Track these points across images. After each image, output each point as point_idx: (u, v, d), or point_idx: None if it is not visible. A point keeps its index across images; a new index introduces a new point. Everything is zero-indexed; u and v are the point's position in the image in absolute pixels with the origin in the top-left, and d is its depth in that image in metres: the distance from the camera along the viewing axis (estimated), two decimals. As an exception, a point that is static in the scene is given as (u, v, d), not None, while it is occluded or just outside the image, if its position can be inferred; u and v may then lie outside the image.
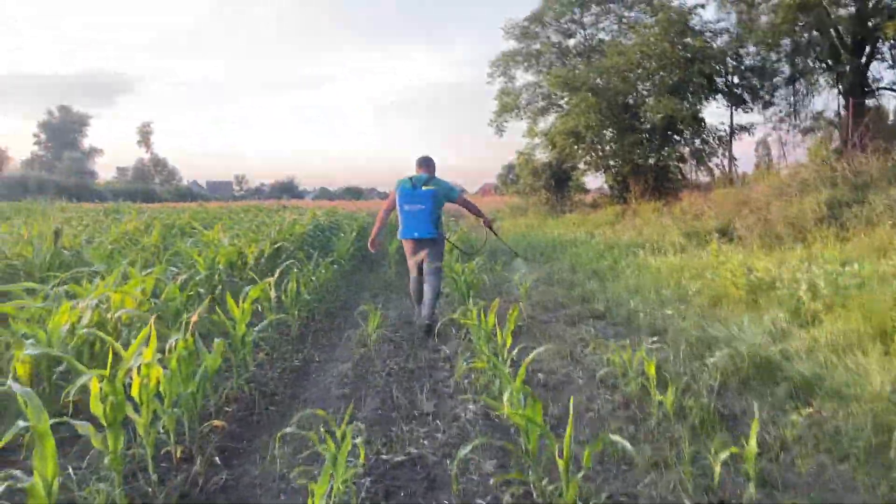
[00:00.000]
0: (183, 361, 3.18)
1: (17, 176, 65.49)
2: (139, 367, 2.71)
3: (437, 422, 3.69)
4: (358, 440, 2.92)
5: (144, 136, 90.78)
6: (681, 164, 20.00)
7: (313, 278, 6.73)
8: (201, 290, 5.37)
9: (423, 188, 5.98)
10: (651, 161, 19.62)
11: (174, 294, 4.94)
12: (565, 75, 19.00)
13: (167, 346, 3.21)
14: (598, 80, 19.01)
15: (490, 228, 7.27)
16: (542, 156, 23.79)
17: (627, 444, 2.16)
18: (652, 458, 3.05)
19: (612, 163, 21.41)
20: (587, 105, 18.76)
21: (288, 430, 3.04)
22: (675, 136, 19.48)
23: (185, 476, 2.91)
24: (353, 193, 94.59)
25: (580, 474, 2.23)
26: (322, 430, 3.06)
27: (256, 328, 4.36)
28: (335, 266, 8.42)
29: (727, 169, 19.74)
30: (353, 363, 5.00)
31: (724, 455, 2.57)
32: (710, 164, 19.59)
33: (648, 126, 19.86)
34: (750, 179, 12.98)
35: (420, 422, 3.72)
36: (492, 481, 2.90)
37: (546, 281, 9.21)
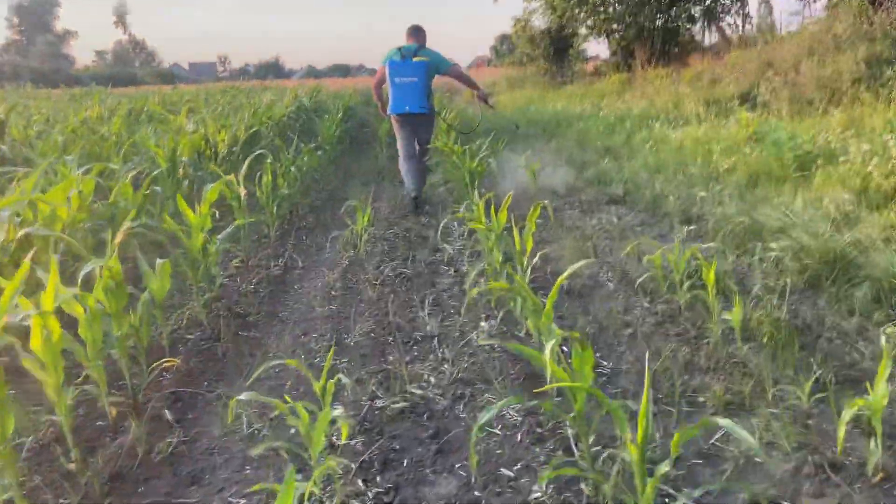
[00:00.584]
0: (111, 294, 2.44)
1: (-10, 62, 62.94)
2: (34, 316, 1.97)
3: (444, 349, 3.01)
4: (346, 382, 2.24)
5: (120, 16, 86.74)
6: (690, 26, 18.49)
7: (293, 168, 5.87)
8: (158, 189, 4.54)
9: (414, 59, 5.65)
10: (658, 23, 18.07)
11: (126, 194, 4.15)
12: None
13: (86, 275, 2.45)
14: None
15: (486, 102, 6.85)
16: (541, 22, 22.12)
17: (745, 434, 1.45)
18: (723, 394, 2.39)
19: (615, 27, 19.85)
20: (590, -40, 17.05)
21: (256, 374, 2.36)
22: (686, -6, 17.87)
23: (121, 445, 2.25)
24: (341, 71, 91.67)
25: (662, 468, 1.54)
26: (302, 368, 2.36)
27: (220, 235, 3.59)
28: (319, 152, 7.53)
29: (741, 28, 18.26)
30: (340, 270, 4.28)
31: (848, 414, 1.87)
32: (723, 24, 18.09)
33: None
34: (769, 37, 11.74)
35: (423, 349, 3.04)
36: (520, 437, 2.25)
37: (553, 161, 8.36)
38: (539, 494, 1.93)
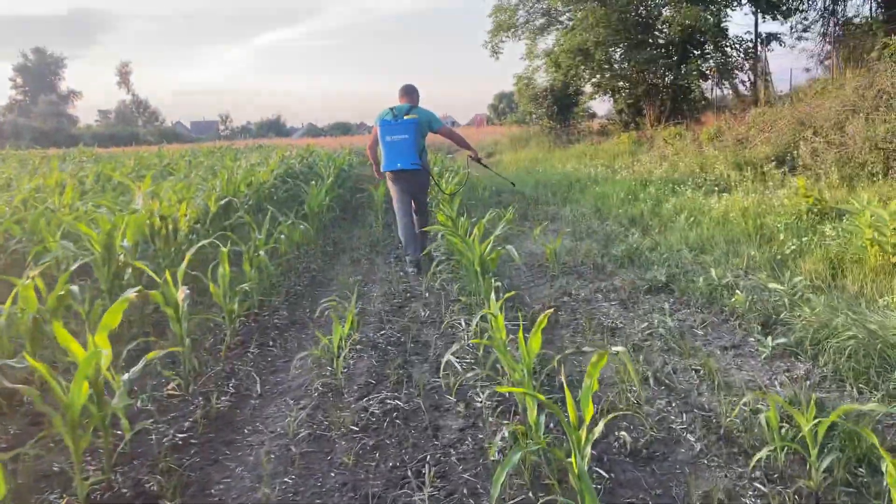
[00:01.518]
0: None
1: (-7, 122, 63.18)
2: None
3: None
4: None
5: (124, 76, 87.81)
6: (701, 83, 17.79)
7: (261, 253, 4.80)
8: (74, 289, 3.44)
9: (405, 117, 5.74)
10: (668, 80, 17.41)
11: (29, 304, 3.08)
12: (569, -16, 16.58)
13: None
14: (608, -11, 16.59)
15: (479, 161, 6.88)
16: (544, 79, 21.52)
17: None
18: None
19: (622, 84, 19.19)
20: (595, 18, 16.44)
21: None
22: (695, 51, 17.21)
23: None
24: (342, 129, 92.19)
25: None
26: None
27: (126, 375, 2.48)
28: (302, 226, 6.48)
29: (754, 85, 17.54)
30: (310, 404, 3.14)
31: None
32: (736, 81, 17.38)
33: (663, 41, 17.60)
34: (798, 94, 10.86)
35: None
36: None
37: (571, 233, 7.32)
38: None
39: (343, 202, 10.41)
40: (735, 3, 16.66)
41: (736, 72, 17.11)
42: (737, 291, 4.17)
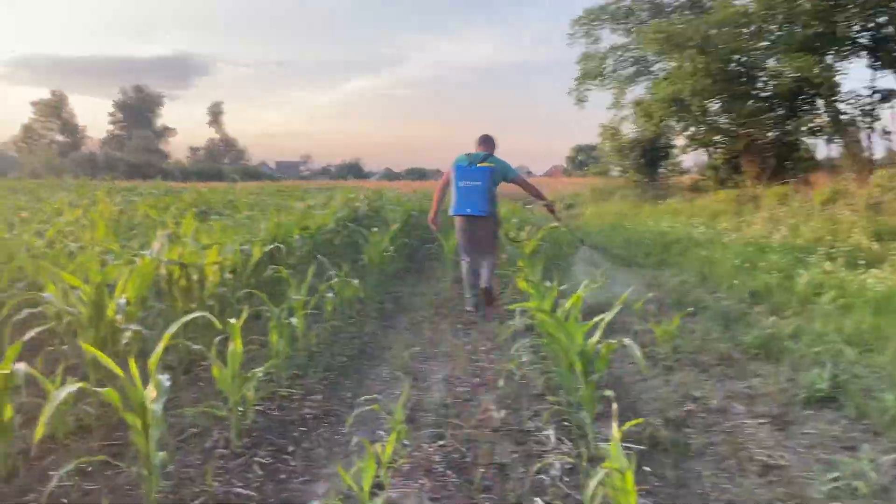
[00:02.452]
0: None
1: (87, 154, 66.62)
2: None
3: None
4: None
5: (215, 115, 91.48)
6: (811, 140, 16.18)
7: (292, 321, 3.79)
8: (18, 368, 2.47)
9: (480, 165, 5.74)
10: (771, 135, 15.84)
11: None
12: (666, 29, 15.41)
13: None
14: (710, 34, 15.34)
15: (552, 212, 6.72)
16: (631, 130, 20.30)
17: None
18: None
19: (719, 138, 17.74)
20: (694, 66, 15.19)
21: None
22: (805, 106, 15.67)
23: None
24: (417, 174, 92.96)
25: None
26: None
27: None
28: (356, 281, 5.48)
29: (870, 144, 15.80)
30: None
31: None
32: (851, 140, 15.66)
33: (768, 93, 16.12)
34: None
35: None
36: None
37: (675, 308, 6.05)
38: None
39: (410, 252, 9.44)
40: (851, 55, 15.10)
41: (852, 129, 15.42)
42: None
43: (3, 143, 74.42)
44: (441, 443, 3.09)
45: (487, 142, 6.06)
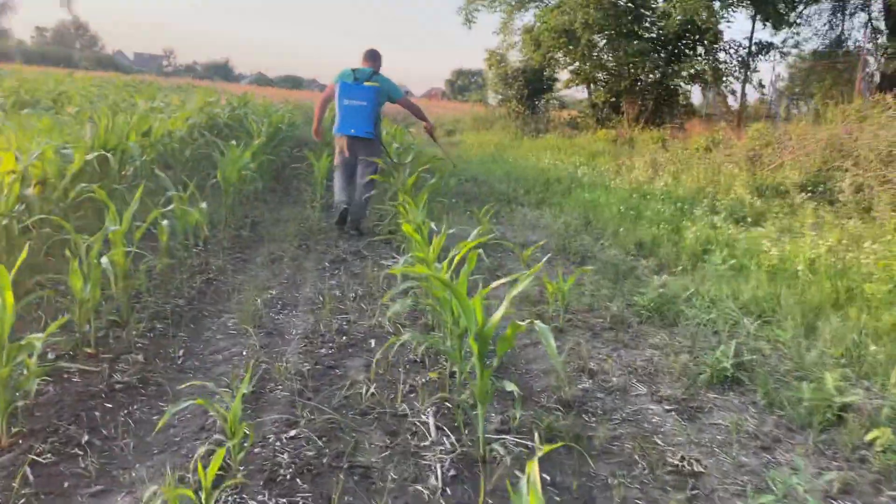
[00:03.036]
0: None
1: None
2: None
3: None
4: None
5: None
6: (689, 86, 16.42)
7: (102, 261, 2.92)
8: None
9: (366, 83, 5.58)
10: (653, 78, 15.90)
11: None
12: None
13: None
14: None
15: (433, 136, 6.74)
16: (516, 59, 19.78)
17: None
18: None
19: (602, 75, 17.63)
20: (588, -3, 14.73)
21: None
22: (687, 50, 15.77)
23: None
24: (293, 82, 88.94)
25: None
26: None
27: None
28: (202, 205, 4.57)
29: (744, 95, 16.29)
30: None
31: None
32: (728, 90, 16.06)
33: (654, 34, 16.08)
34: (827, 115, 9.30)
35: None
36: None
37: (560, 252, 5.67)
38: None
39: (276, 171, 8.45)
40: (737, 4, 15.25)
41: (729, 79, 15.78)
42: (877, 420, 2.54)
43: None
44: (293, 433, 2.42)
45: (374, 58, 5.88)
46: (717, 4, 14.49)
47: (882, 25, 15.94)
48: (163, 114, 6.67)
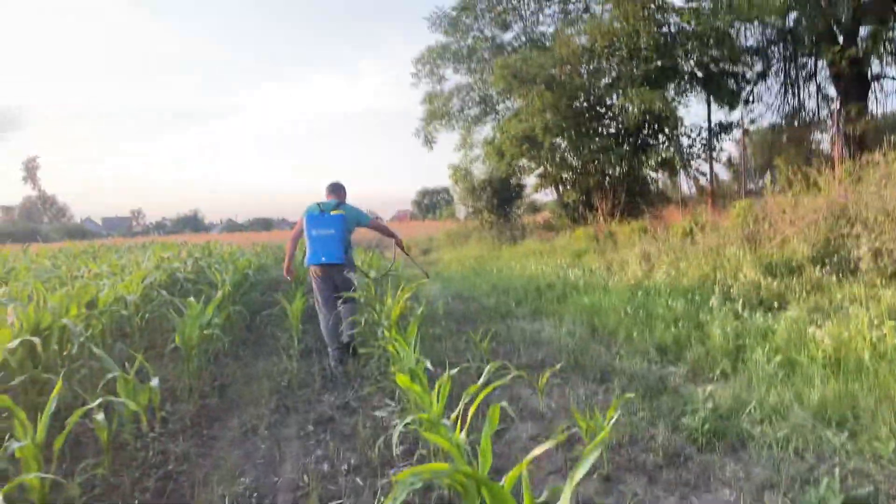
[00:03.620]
0: None
1: None
2: None
3: None
4: None
5: (31, 171, 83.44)
6: (658, 174, 16.35)
7: None
8: None
9: (332, 213, 5.70)
10: (621, 170, 15.79)
11: None
12: (513, 65, 14.97)
13: None
14: (554, 71, 15.10)
15: (401, 248, 6.57)
16: (482, 171, 19.79)
17: None
18: None
19: (567, 176, 17.55)
20: (542, 102, 14.82)
21: None
22: (650, 140, 15.81)
23: None
24: (263, 224, 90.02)
25: None
26: None
27: None
28: (154, 382, 3.84)
29: (710, 178, 16.24)
30: None
31: None
32: (694, 172, 16.00)
33: (614, 129, 16.17)
34: (818, 181, 8.91)
35: None
36: None
37: (573, 368, 4.97)
38: None
39: (246, 320, 7.76)
40: (690, 90, 15.48)
41: (698, 161, 15.75)
42: None
43: None
44: None
45: (337, 189, 6.03)
46: (671, 93, 14.65)
47: (832, 92, 16.26)
48: (115, 277, 6.03)
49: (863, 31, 14.75)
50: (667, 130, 15.27)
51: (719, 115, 24.65)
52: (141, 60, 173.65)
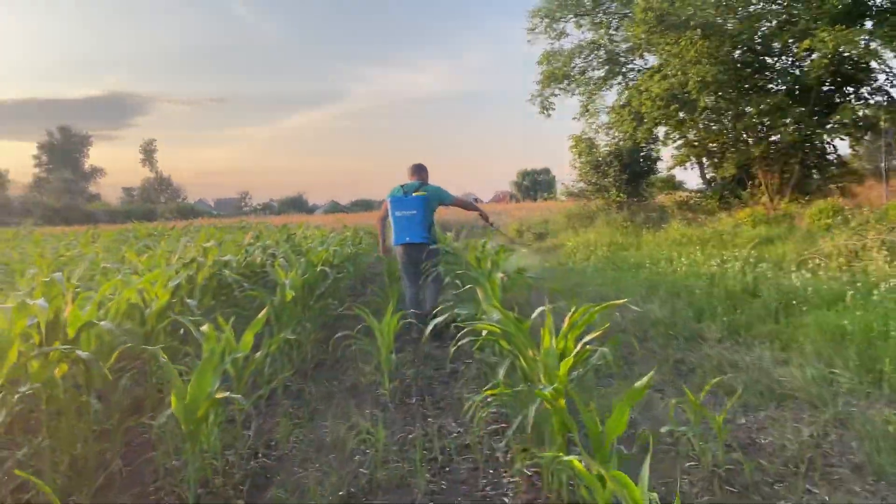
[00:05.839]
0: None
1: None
2: None
3: None
4: None
5: (148, 154, 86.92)
6: (838, 140, 12.98)
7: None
8: None
9: (414, 194, 5.83)
10: (795, 136, 12.44)
11: None
12: (659, 7, 12.05)
13: None
14: (711, 13, 12.05)
15: (486, 221, 6.62)
16: (604, 141, 16.98)
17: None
18: None
19: (715, 145, 14.46)
20: (697, 52, 11.85)
21: None
22: (835, 96, 12.49)
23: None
24: (364, 205, 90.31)
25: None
26: None
27: None
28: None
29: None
30: None
31: None
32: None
33: (787, 84, 12.84)
34: None
35: None
36: None
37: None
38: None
39: (324, 327, 5.58)
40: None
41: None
42: None
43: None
44: None
45: (420, 170, 6.06)
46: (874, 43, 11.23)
47: None
48: (137, 276, 3.94)
49: None
50: (860, 82, 11.92)
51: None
52: (250, 49, 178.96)
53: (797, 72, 12.16)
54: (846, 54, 10.67)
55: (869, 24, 11.38)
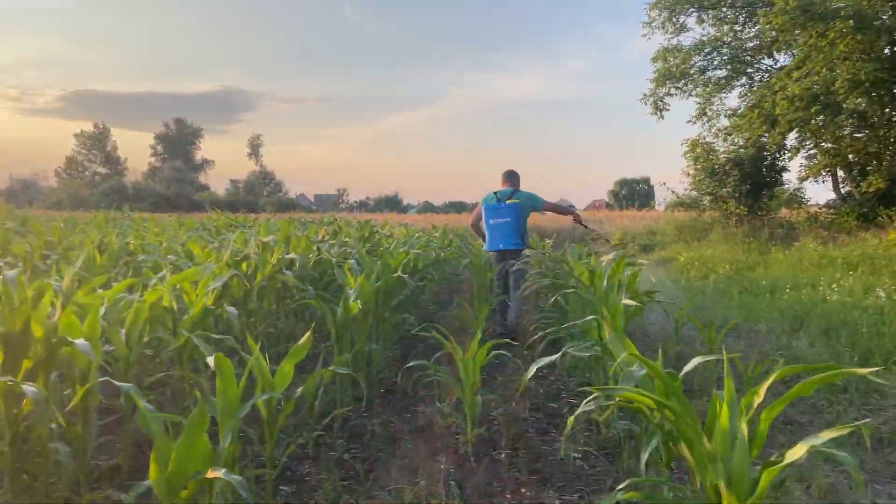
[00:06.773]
0: None
1: (116, 185, 64.65)
2: None
3: None
4: None
5: (255, 148, 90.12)
6: None
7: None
8: None
9: (507, 202, 5.90)
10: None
11: None
12: (802, -2, 10.49)
13: None
14: (865, 4, 10.40)
15: (579, 222, 6.65)
16: (723, 147, 15.39)
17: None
18: None
19: (854, 156, 12.64)
20: (848, 47, 10.24)
21: None
22: None
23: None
24: (457, 207, 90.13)
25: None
26: None
27: None
28: None
29: None
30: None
31: None
32: None
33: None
34: None
35: None
36: None
37: None
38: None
39: (402, 348, 4.70)
40: None
41: None
42: None
43: (37, 172, 72.75)
44: None
45: (512, 178, 6.11)
46: None
47: None
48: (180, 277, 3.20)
49: None
50: None
51: None
52: (354, 50, 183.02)
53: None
54: None
55: None
